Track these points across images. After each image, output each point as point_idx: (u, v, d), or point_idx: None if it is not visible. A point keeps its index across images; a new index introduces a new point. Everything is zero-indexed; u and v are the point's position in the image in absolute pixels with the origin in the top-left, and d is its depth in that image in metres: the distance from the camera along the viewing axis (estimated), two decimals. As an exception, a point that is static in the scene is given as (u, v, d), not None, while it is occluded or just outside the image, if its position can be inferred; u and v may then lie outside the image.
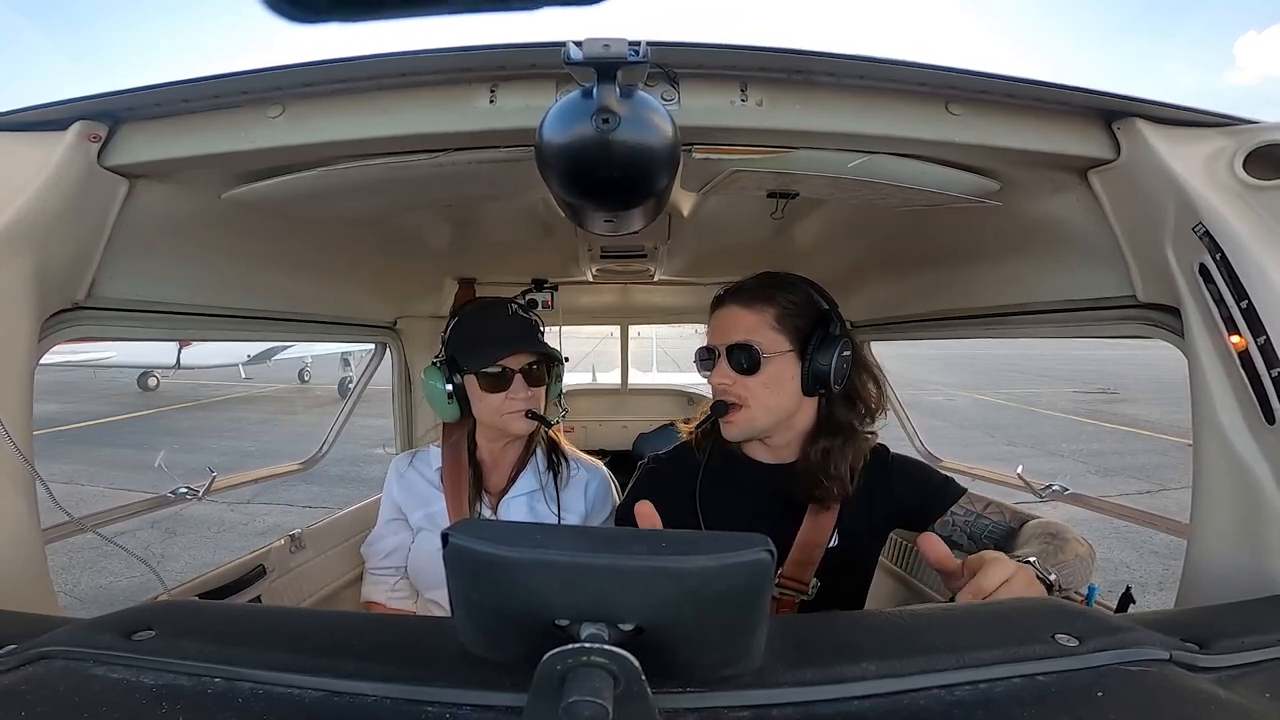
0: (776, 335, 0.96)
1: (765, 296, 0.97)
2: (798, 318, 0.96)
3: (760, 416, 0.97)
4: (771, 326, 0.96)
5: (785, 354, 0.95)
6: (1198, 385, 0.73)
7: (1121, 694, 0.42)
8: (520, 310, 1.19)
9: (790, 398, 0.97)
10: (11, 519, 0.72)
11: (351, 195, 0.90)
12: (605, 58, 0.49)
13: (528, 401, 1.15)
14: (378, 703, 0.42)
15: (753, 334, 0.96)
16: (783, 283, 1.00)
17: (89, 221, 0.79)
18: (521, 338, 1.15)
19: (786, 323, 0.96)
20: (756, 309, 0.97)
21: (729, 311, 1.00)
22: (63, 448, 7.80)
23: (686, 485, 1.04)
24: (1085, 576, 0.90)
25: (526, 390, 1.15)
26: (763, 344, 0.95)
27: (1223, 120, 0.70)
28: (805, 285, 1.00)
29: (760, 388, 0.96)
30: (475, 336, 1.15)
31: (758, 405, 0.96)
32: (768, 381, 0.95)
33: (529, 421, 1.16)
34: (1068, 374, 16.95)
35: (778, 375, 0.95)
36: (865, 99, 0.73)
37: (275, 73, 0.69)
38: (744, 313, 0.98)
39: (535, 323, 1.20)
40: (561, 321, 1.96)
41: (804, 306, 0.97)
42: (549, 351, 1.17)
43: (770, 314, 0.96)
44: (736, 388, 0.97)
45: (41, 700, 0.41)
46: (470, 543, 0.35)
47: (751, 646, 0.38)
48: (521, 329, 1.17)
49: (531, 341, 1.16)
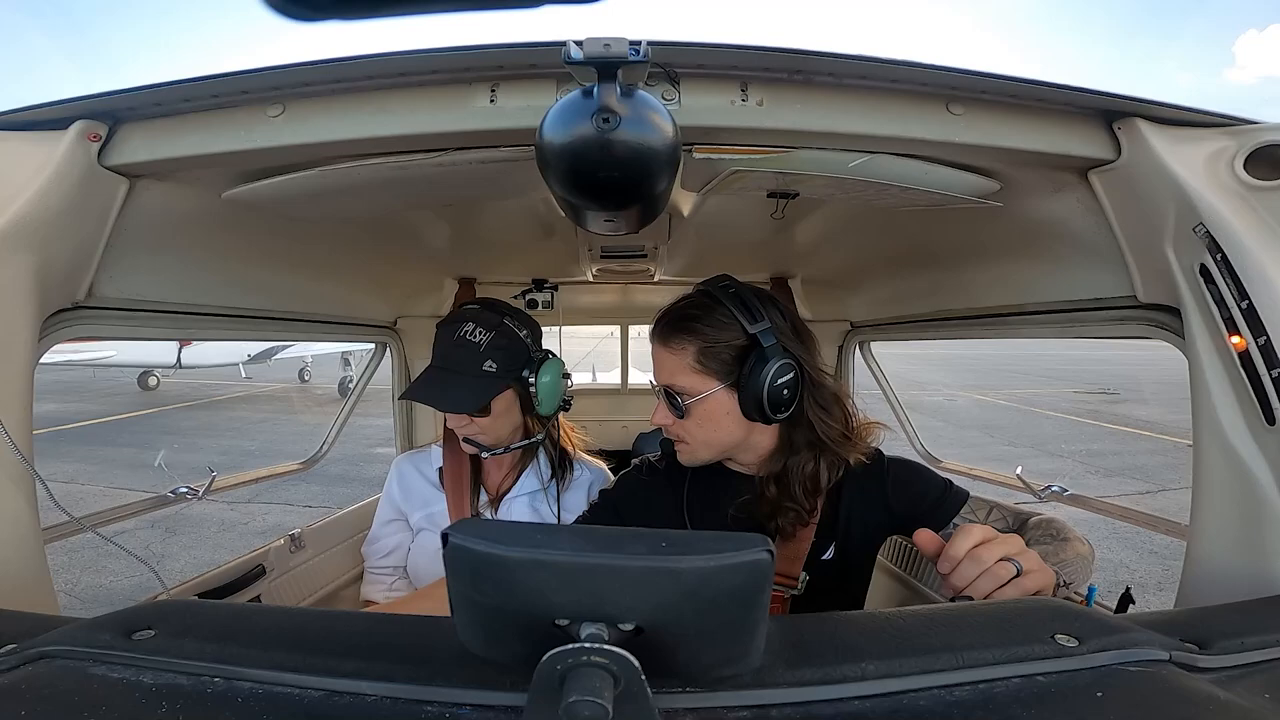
0: (699, 376, 0.89)
1: (684, 330, 0.90)
2: (723, 350, 0.88)
3: (701, 451, 0.94)
4: (693, 368, 0.89)
5: (713, 392, 0.89)
6: (1198, 386, 0.73)
7: (1121, 694, 0.42)
8: (474, 333, 1.09)
9: (731, 431, 0.91)
10: (11, 518, 0.72)
11: (352, 195, 0.90)
12: (606, 57, 0.49)
13: (466, 429, 1.12)
14: (377, 702, 0.42)
15: (675, 378, 0.90)
16: (707, 306, 0.90)
17: (89, 221, 0.79)
18: (442, 377, 1.08)
19: (710, 358, 0.89)
20: (675, 348, 0.90)
21: (655, 349, 0.94)
22: (63, 447, 7.80)
23: (674, 490, 1.03)
24: (1086, 576, 0.90)
25: (463, 418, 1.11)
26: (686, 388, 0.90)
27: (1224, 120, 0.70)
28: (733, 302, 0.89)
29: (695, 427, 0.92)
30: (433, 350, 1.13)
31: (696, 442, 0.93)
32: (700, 421, 0.91)
33: (474, 447, 1.14)
34: (1068, 374, 16.94)
35: (709, 413, 0.90)
36: (866, 99, 0.73)
37: (276, 72, 0.69)
38: (664, 353, 0.92)
39: (477, 348, 1.08)
40: (562, 321, 1.96)
41: (730, 334, 0.88)
42: (461, 408, 1.08)
43: (690, 353, 0.89)
44: (674, 428, 0.94)
45: (41, 700, 0.41)
46: (470, 542, 0.35)
47: (751, 646, 0.38)
48: (455, 362, 1.08)
49: (446, 387, 1.07)
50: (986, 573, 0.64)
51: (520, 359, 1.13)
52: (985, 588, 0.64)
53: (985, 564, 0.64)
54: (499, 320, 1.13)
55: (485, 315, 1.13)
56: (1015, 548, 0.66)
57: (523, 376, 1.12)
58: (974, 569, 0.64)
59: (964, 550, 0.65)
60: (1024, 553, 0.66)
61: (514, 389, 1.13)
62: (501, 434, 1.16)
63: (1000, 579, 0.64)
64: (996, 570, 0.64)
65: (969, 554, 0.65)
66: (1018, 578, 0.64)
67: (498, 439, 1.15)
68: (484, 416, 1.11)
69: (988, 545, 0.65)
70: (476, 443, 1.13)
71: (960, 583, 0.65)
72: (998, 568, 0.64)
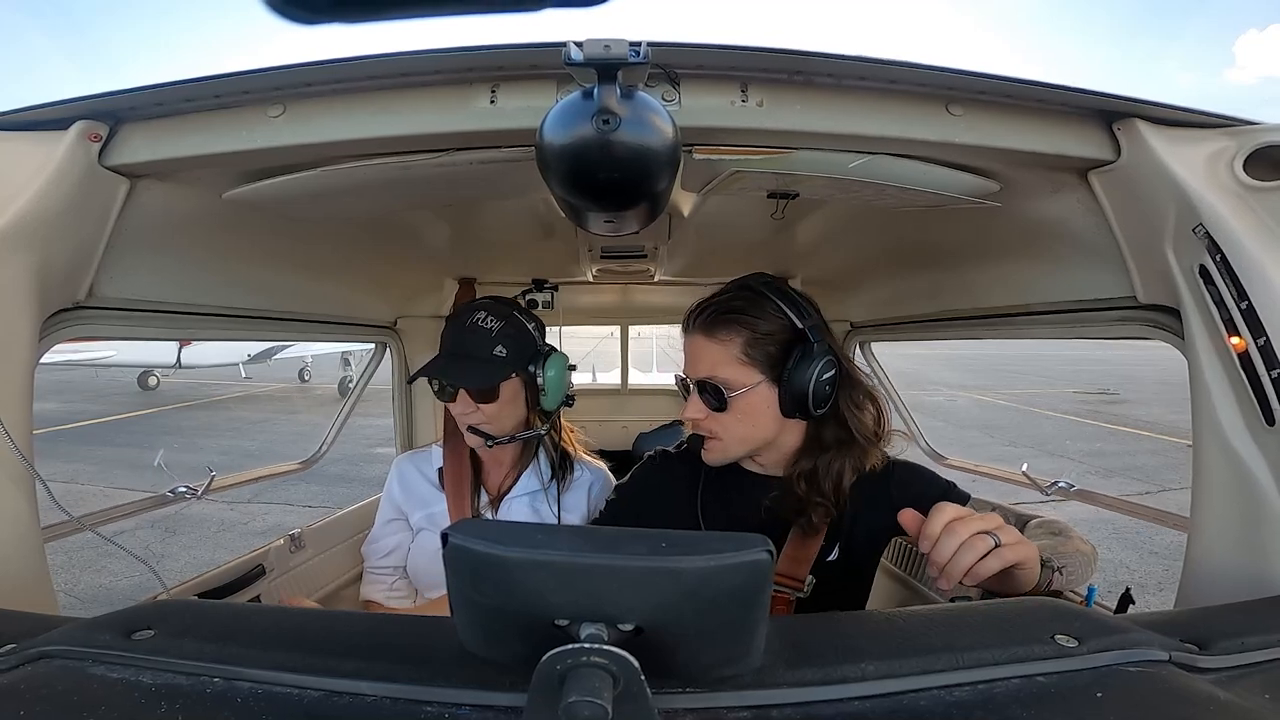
0: (745, 368, 0.88)
1: (731, 322, 0.89)
2: (769, 343, 0.88)
3: (734, 448, 0.93)
4: (739, 359, 0.88)
5: (757, 385, 0.88)
6: (1197, 386, 0.73)
7: (1121, 695, 0.42)
8: (485, 320, 1.12)
9: (767, 426, 0.91)
10: (11, 518, 0.72)
11: (352, 195, 0.90)
12: (606, 58, 0.49)
13: (471, 417, 1.12)
14: (377, 702, 0.42)
15: (719, 369, 0.89)
16: (752, 299, 0.90)
17: (90, 221, 0.79)
18: (455, 356, 1.10)
19: (757, 350, 0.88)
20: (721, 339, 0.89)
21: (694, 341, 0.93)
22: (63, 447, 7.80)
23: (689, 486, 1.03)
24: (1086, 573, 0.90)
25: (470, 405, 1.11)
26: (730, 380, 0.88)
27: (1223, 121, 0.70)
28: (779, 296, 0.90)
29: (733, 422, 0.90)
30: (441, 339, 1.14)
31: (731, 438, 0.92)
32: (740, 416, 0.90)
33: (477, 437, 1.13)
34: (1068, 375, 16.94)
35: (750, 407, 0.89)
36: (865, 99, 0.73)
37: (276, 72, 0.69)
38: (708, 344, 0.90)
39: (489, 334, 1.11)
40: (562, 321, 1.96)
41: (777, 326, 0.88)
42: (473, 384, 1.09)
43: (737, 344, 0.88)
44: (708, 422, 0.92)
45: (40, 700, 0.41)
46: (470, 542, 0.35)
47: (751, 647, 0.38)
48: (467, 344, 1.10)
49: (460, 365, 1.10)
50: (965, 545, 0.65)
51: (528, 350, 1.15)
52: (966, 560, 0.65)
53: (961, 536, 0.65)
54: (509, 312, 1.16)
55: (496, 306, 1.16)
56: (992, 523, 0.67)
57: (530, 369, 1.14)
58: (952, 541, 0.65)
59: (939, 525, 0.66)
60: (1002, 527, 0.67)
61: (521, 378, 1.14)
62: (506, 425, 1.16)
63: (979, 551, 0.65)
64: (974, 543, 0.65)
65: (945, 528, 0.66)
66: (998, 548, 0.65)
67: (502, 429, 1.15)
68: (491, 403, 1.11)
69: (963, 520, 0.66)
70: (481, 431, 1.13)
71: (941, 558, 0.65)
72: (975, 540, 0.65)
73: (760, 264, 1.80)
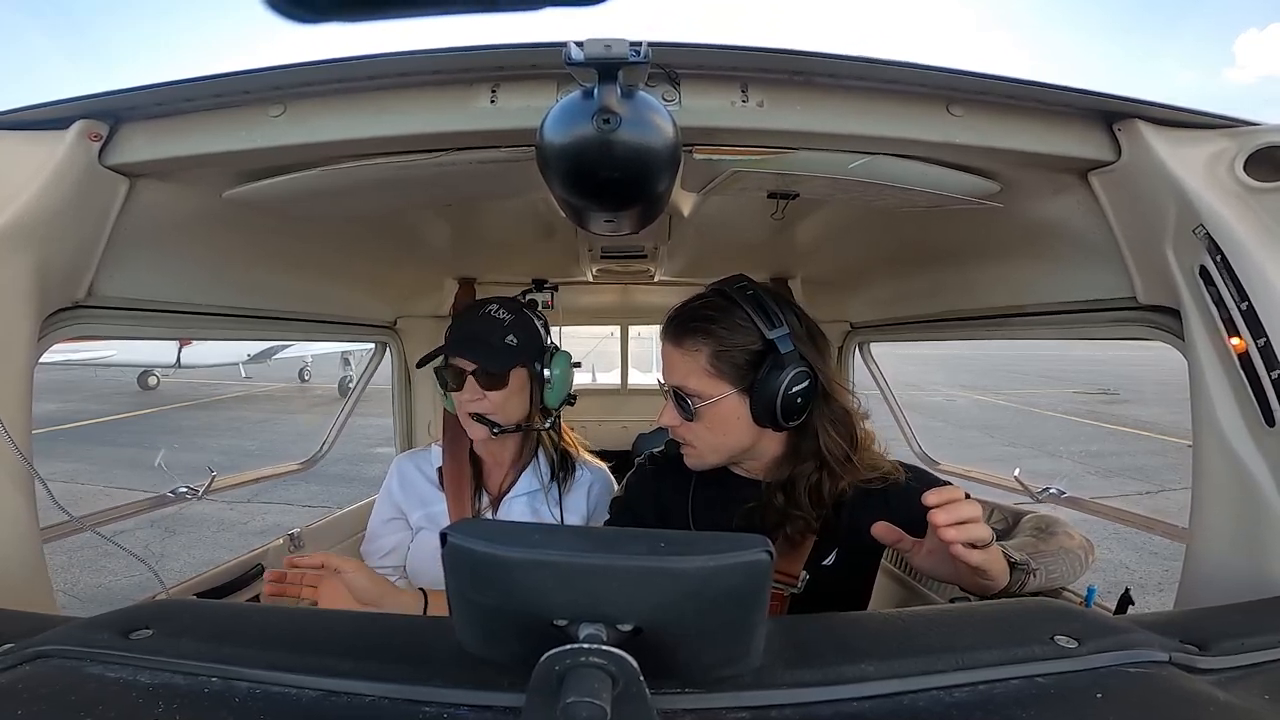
0: (712, 380, 0.87)
1: (698, 331, 0.87)
2: (737, 353, 0.86)
3: (709, 455, 0.92)
4: (706, 370, 0.86)
5: (725, 397, 0.87)
6: (1198, 387, 0.73)
7: (1121, 695, 0.42)
8: (497, 311, 1.14)
9: (740, 436, 0.90)
10: (10, 518, 0.72)
11: (352, 195, 0.90)
12: (606, 58, 0.49)
13: (478, 404, 1.12)
14: (375, 702, 0.42)
15: (686, 380, 0.88)
16: (724, 307, 0.88)
17: (89, 220, 0.79)
18: (469, 340, 1.12)
19: (723, 362, 0.86)
20: (688, 349, 0.88)
21: (665, 349, 0.92)
22: (62, 446, 7.79)
23: (681, 490, 1.02)
24: (1074, 570, 0.89)
25: (477, 392, 1.11)
26: (699, 391, 0.87)
27: (1223, 122, 0.70)
28: (751, 304, 0.86)
29: (704, 431, 0.90)
30: (450, 332, 1.15)
31: (704, 447, 0.91)
32: (710, 425, 0.89)
33: (481, 427, 1.13)
34: (1068, 375, 16.94)
35: (719, 418, 0.88)
36: (866, 100, 0.73)
37: (277, 72, 0.69)
38: (676, 354, 0.89)
39: (501, 323, 1.12)
40: (562, 322, 1.96)
41: (746, 336, 0.86)
42: (488, 364, 1.10)
43: (703, 355, 0.86)
44: (682, 430, 0.92)
45: (38, 699, 0.41)
46: (469, 542, 0.35)
47: (750, 647, 0.38)
48: (479, 330, 1.12)
49: (474, 347, 1.11)
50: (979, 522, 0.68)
51: (537, 345, 1.16)
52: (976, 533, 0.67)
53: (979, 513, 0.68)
54: (519, 308, 1.18)
55: (508, 301, 1.18)
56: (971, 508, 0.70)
57: (537, 364, 1.16)
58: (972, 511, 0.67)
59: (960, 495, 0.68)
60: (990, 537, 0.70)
61: (529, 371, 1.16)
62: (511, 416, 1.16)
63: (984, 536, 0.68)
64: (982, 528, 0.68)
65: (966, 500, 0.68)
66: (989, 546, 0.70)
67: (508, 419, 1.16)
68: (500, 389, 1.12)
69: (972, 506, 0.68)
70: (486, 420, 1.13)
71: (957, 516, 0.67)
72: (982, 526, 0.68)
73: (760, 264, 1.81)
